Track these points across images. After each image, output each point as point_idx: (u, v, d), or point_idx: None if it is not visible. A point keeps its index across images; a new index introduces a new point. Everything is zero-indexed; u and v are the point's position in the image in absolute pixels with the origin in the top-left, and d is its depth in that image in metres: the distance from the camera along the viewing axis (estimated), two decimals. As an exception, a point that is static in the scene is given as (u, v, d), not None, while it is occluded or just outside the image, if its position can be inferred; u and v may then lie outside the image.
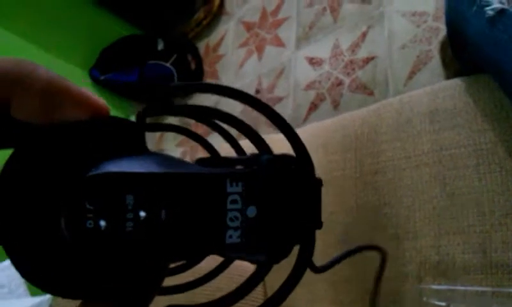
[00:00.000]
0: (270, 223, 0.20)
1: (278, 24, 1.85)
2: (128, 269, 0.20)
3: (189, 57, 2.10)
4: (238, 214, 0.20)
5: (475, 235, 0.61)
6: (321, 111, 1.48)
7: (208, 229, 0.20)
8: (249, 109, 0.22)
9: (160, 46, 2.05)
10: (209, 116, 0.23)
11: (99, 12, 2.21)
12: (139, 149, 0.22)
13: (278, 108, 1.65)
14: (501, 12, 0.57)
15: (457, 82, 0.71)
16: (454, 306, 0.57)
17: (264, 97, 1.70)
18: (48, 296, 0.85)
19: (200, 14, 2.15)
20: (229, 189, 0.20)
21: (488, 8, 0.58)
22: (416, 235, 0.66)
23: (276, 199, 0.21)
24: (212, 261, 0.31)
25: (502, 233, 0.59)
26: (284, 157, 0.21)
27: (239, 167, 0.22)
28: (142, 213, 0.19)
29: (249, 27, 1.99)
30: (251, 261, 0.22)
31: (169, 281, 0.25)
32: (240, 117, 0.25)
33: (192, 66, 2.06)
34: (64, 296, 0.20)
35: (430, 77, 1.22)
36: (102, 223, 0.19)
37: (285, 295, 0.21)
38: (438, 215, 0.65)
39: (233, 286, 0.23)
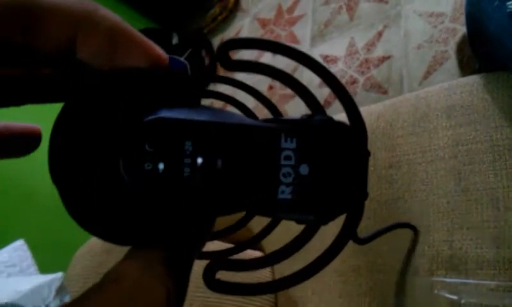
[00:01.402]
0: (322, 183, 0.20)
1: (294, 22, 1.85)
2: (181, 215, 0.20)
3: (203, 53, 2.11)
4: (291, 170, 0.20)
5: (488, 231, 0.61)
6: (334, 108, 1.48)
7: (261, 181, 0.20)
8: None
9: (175, 40, 2.06)
10: (264, 73, 0.22)
11: (115, 5, 2.22)
12: (196, 102, 0.22)
13: (291, 104, 1.65)
14: (523, 7, 0.57)
15: (475, 79, 0.70)
16: (465, 299, 0.57)
17: (277, 93, 1.70)
18: (60, 274, 0.86)
19: (215, 10, 2.16)
20: (283, 144, 0.20)
21: (509, 3, 0.57)
22: (429, 229, 0.66)
23: (329, 160, 0.21)
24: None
25: (517, 229, 0.59)
26: (337, 122, 0.21)
27: None
28: (199, 160, 0.19)
29: (264, 23, 1.99)
30: (299, 221, 0.22)
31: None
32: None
33: (207, 61, 2.07)
34: (115, 242, 0.20)
35: (445, 78, 1.21)
36: (161, 166, 0.19)
37: (327, 262, 0.21)
38: (452, 210, 0.65)
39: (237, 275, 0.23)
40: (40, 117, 0.32)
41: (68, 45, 0.19)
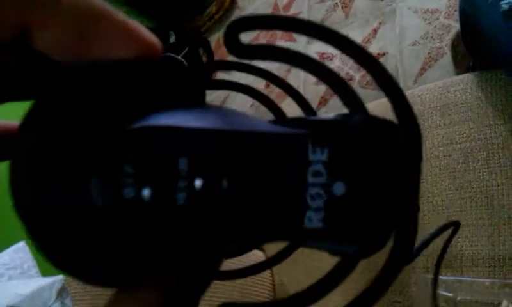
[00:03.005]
0: (363, 205, 0.15)
1: (290, 19, 1.85)
2: (177, 251, 0.15)
3: (201, 51, 2.11)
4: (321, 191, 0.15)
5: (483, 228, 0.62)
6: (331, 106, 1.49)
7: (281, 207, 0.15)
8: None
9: (172, 39, 2.06)
10: (283, 60, 0.17)
11: (111, 3, 2.21)
12: (198, 101, 0.17)
13: (287, 102, 1.65)
14: (516, 6, 0.57)
15: (469, 77, 0.71)
16: (461, 296, 0.58)
17: (274, 91, 1.70)
18: (61, 276, 0.86)
19: (212, 8, 2.16)
20: (311, 156, 0.15)
21: (502, 2, 0.58)
22: (424, 227, 0.66)
23: (373, 174, 0.15)
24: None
25: (511, 226, 0.59)
26: (384, 121, 0.16)
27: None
28: (198, 182, 0.14)
29: (260, 21, 2.00)
30: (334, 253, 0.17)
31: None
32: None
33: (204, 59, 2.08)
34: (96, 283, 0.16)
35: (441, 74, 1.22)
36: (146, 192, 0.14)
37: (378, 295, 0.16)
38: (446, 208, 0.65)
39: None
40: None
41: (21, 33, 0.14)
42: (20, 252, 1.11)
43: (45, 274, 1.08)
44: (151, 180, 0.14)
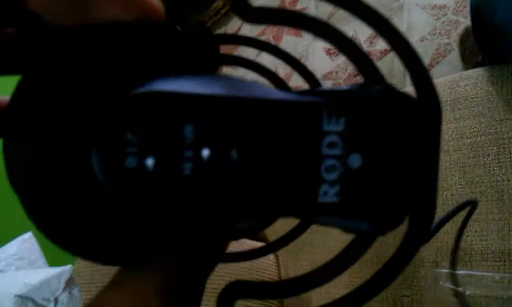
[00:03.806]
0: (381, 178, 0.15)
1: (296, 15, 1.85)
2: (181, 228, 0.15)
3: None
4: (337, 163, 0.14)
5: (493, 223, 0.61)
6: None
7: (294, 179, 0.14)
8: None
9: (178, 33, 2.06)
10: (296, 25, 0.16)
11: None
12: (205, 68, 0.17)
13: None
14: (529, 0, 0.57)
15: (479, 72, 0.70)
16: (471, 291, 0.57)
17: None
18: (68, 266, 0.87)
19: (218, 3, 2.15)
20: (326, 127, 0.14)
21: (515, -5, 0.58)
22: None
23: (391, 146, 0.15)
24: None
25: (521, 221, 0.59)
26: (403, 93, 0.15)
27: None
28: (205, 152, 0.14)
29: (266, 16, 1.99)
30: (348, 230, 0.16)
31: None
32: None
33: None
34: (96, 260, 0.16)
35: (448, 70, 1.21)
36: (149, 162, 0.13)
37: (392, 277, 0.15)
38: (456, 202, 0.65)
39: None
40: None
41: None
42: (27, 243, 1.11)
43: (52, 264, 1.09)
44: (155, 149, 0.13)
